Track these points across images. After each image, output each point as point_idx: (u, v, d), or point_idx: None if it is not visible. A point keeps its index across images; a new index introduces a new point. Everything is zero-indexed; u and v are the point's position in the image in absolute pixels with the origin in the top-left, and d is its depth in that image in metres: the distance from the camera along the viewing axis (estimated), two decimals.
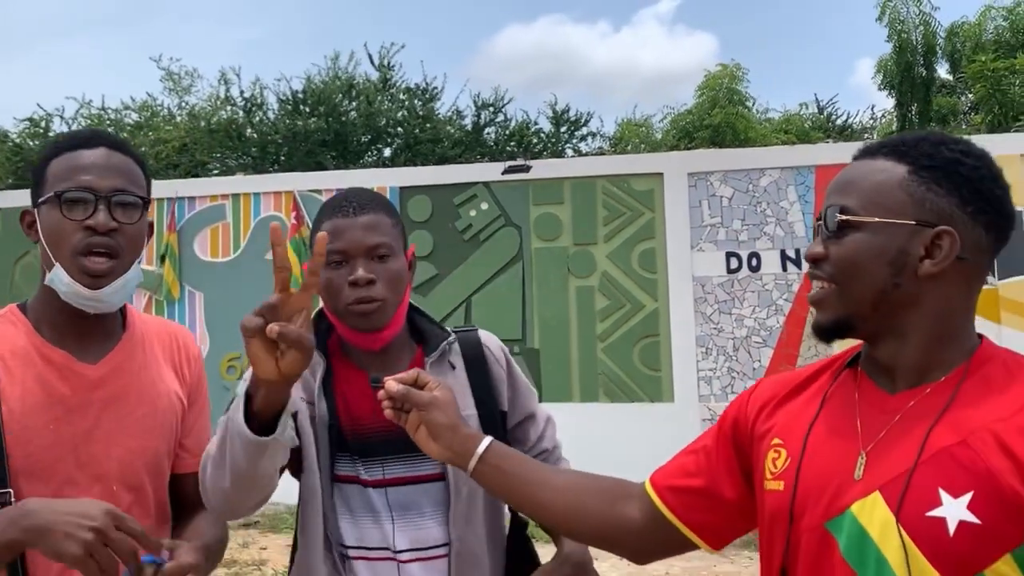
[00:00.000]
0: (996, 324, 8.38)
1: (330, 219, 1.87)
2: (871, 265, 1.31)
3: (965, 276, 1.33)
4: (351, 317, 1.84)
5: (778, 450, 1.42)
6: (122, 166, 1.77)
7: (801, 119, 17.28)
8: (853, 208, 1.33)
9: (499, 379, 2.00)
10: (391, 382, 1.59)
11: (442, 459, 1.60)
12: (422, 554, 1.82)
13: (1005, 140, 9.14)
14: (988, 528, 1.19)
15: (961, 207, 1.31)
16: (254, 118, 18.47)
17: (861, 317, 1.34)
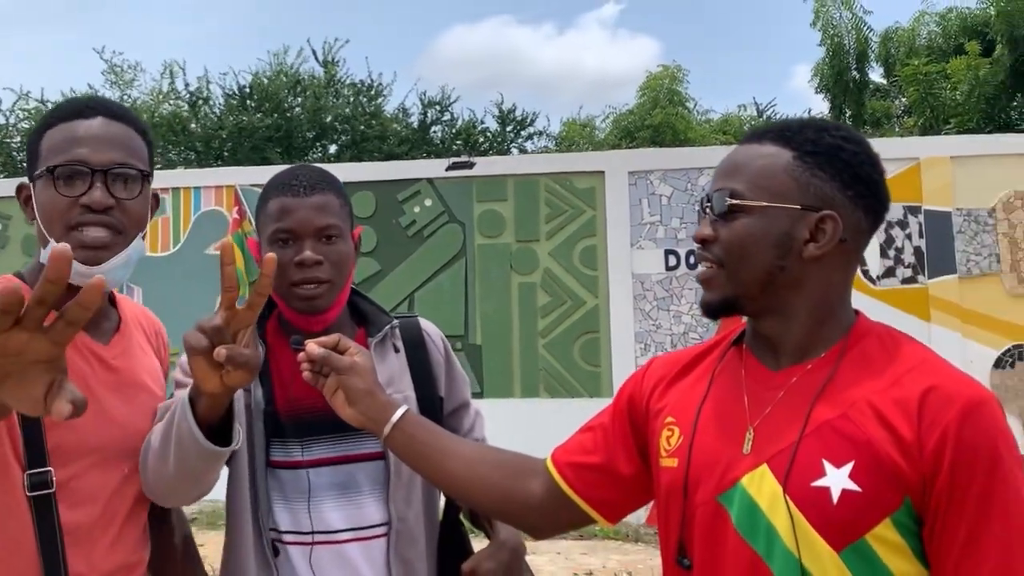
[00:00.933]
0: (926, 323, 8.61)
1: (278, 196, 1.86)
2: (758, 247, 1.35)
3: (845, 257, 1.38)
4: (295, 299, 1.84)
5: (671, 428, 1.46)
6: (121, 137, 1.65)
7: (740, 120, 17.55)
8: (741, 192, 1.36)
9: (438, 364, 2.00)
10: (312, 345, 1.60)
11: (357, 424, 1.61)
12: (361, 533, 1.83)
13: (936, 142, 9.39)
14: (869, 495, 1.24)
15: (842, 191, 1.36)
16: (199, 112, 18.28)
17: (747, 297, 1.39)
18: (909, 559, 1.26)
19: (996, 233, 8.74)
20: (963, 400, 1.24)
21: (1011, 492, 1.22)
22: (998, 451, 1.22)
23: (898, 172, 8.75)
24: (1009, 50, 9.56)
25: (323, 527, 1.81)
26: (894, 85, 13.32)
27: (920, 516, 1.25)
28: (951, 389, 1.26)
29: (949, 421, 1.23)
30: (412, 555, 1.86)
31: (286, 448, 1.83)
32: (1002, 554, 1.21)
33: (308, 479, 1.82)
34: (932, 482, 1.23)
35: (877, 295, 8.69)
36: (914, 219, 8.80)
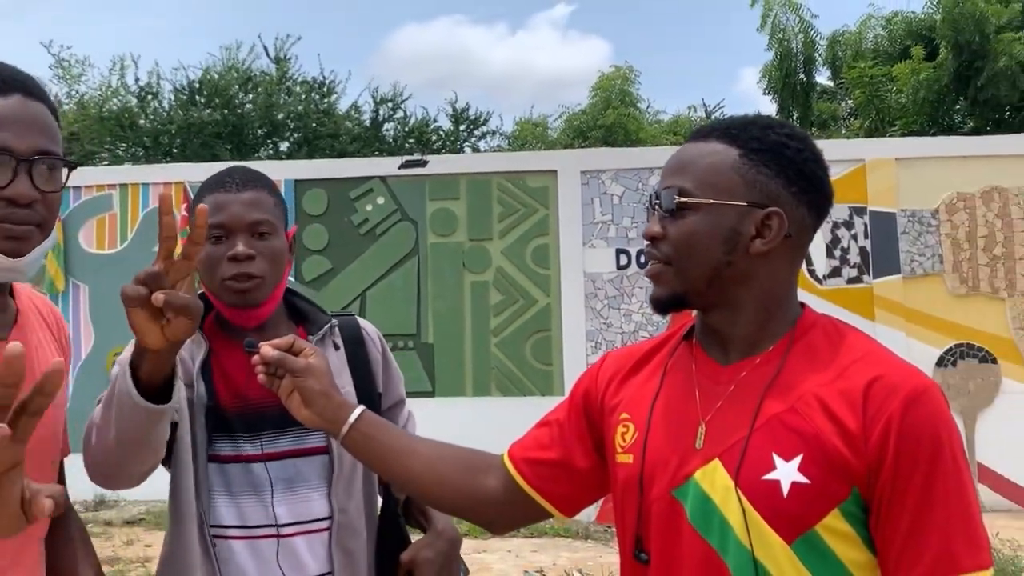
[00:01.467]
0: (871, 322, 8.76)
1: (212, 194, 1.86)
2: (706, 244, 1.37)
3: (790, 252, 1.40)
4: (227, 293, 1.84)
5: (626, 424, 1.47)
6: (43, 119, 1.46)
7: (689, 122, 17.76)
8: (689, 189, 1.38)
9: (376, 361, 2.02)
10: (267, 347, 1.59)
11: (313, 425, 1.61)
12: (305, 527, 1.84)
13: (882, 144, 9.58)
14: (817, 487, 1.26)
15: (787, 188, 1.38)
16: (148, 107, 18.05)
17: (695, 292, 1.40)
18: (859, 548, 1.29)
19: (939, 234, 8.92)
20: (906, 390, 1.27)
21: (952, 480, 1.25)
22: (940, 439, 1.25)
23: (844, 173, 8.91)
24: (953, 55, 9.77)
25: (268, 521, 1.82)
26: (840, 87, 13.54)
27: (867, 505, 1.28)
28: (894, 379, 1.28)
29: (892, 411, 1.25)
30: (354, 546, 1.88)
31: (231, 443, 1.84)
32: (943, 540, 1.23)
33: (253, 473, 1.83)
34: (877, 471, 1.25)
35: (823, 295, 8.83)
36: (859, 220, 8.96)
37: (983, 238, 8.88)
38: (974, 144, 9.29)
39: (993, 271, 8.85)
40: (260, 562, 1.81)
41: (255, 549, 1.81)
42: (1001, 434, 8.49)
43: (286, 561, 1.81)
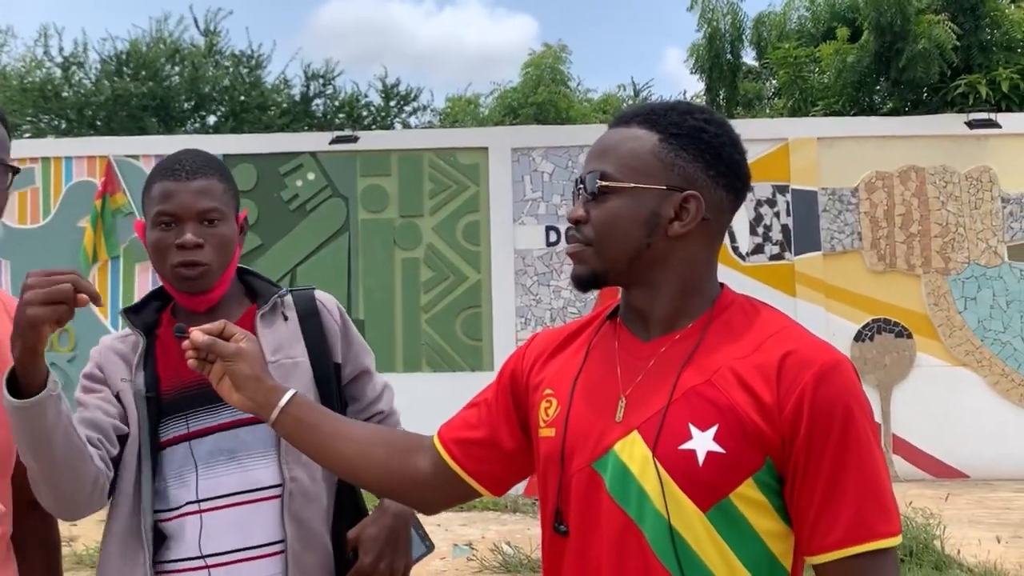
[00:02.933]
0: (792, 297, 8.99)
1: (161, 181, 1.88)
2: (627, 226, 1.40)
3: (708, 234, 1.43)
4: (177, 280, 1.87)
5: (549, 400, 1.50)
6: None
7: (618, 100, 17.86)
8: (611, 174, 1.41)
9: (332, 332, 2.03)
10: (196, 332, 1.60)
11: (244, 409, 1.62)
12: (251, 496, 1.86)
13: (804, 124, 9.77)
14: (732, 456, 1.30)
15: (705, 172, 1.41)
16: (72, 79, 17.59)
17: (616, 272, 1.44)
18: (772, 517, 1.33)
19: (858, 212, 9.17)
20: (818, 364, 1.31)
21: (864, 450, 1.29)
22: (851, 411, 1.29)
23: (767, 152, 9.10)
24: (875, 36, 9.97)
25: (211, 494, 1.84)
26: (765, 68, 13.78)
27: (781, 475, 1.32)
28: (807, 354, 1.32)
29: (805, 384, 1.29)
30: (308, 514, 1.89)
31: (174, 425, 1.87)
32: (856, 508, 1.28)
33: (192, 449, 1.86)
34: (791, 442, 1.30)
35: (746, 271, 9.02)
36: (782, 198, 9.17)
37: (900, 216, 9.15)
38: (893, 124, 9.53)
39: (910, 248, 9.13)
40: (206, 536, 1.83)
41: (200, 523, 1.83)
42: (915, 407, 8.80)
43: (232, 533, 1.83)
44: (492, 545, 6.38)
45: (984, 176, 9.15)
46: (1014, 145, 9.16)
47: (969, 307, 9.05)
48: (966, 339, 9.02)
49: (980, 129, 9.17)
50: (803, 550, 1.34)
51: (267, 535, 1.85)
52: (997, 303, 9.06)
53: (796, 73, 11.32)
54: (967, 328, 9.02)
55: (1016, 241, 9.13)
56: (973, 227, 9.12)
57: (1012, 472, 8.68)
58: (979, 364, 8.99)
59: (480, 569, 6.05)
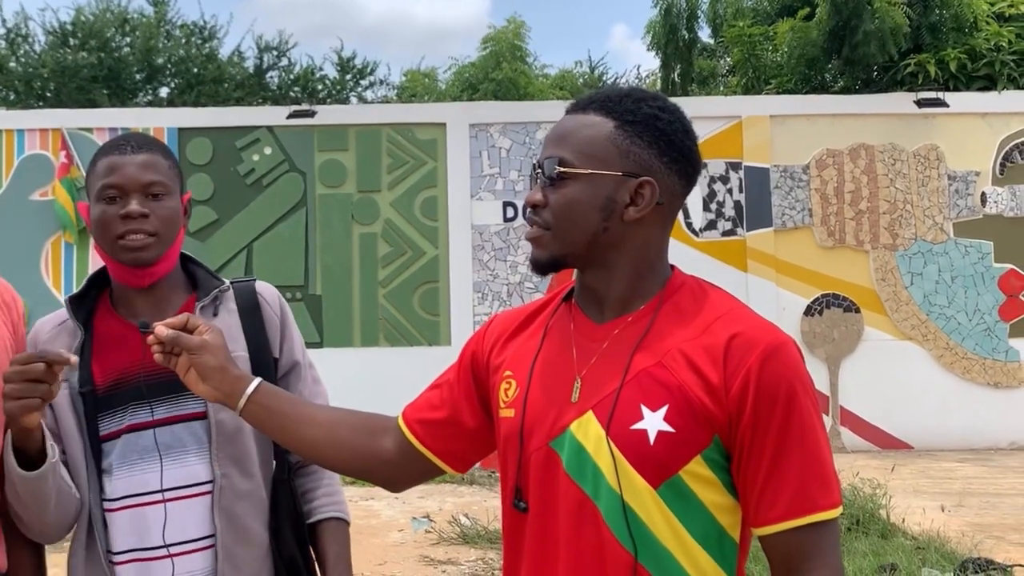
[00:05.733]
0: (744, 273, 9.15)
1: (107, 156, 1.89)
2: (584, 211, 1.43)
3: (662, 218, 1.47)
4: (121, 251, 1.86)
5: (509, 381, 1.54)
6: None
7: (575, 77, 17.87)
8: (568, 159, 1.44)
9: (272, 325, 2.03)
10: (160, 327, 1.62)
11: (212, 399, 1.66)
12: (187, 491, 1.87)
13: (757, 102, 9.91)
14: (681, 435, 1.35)
15: (659, 158, 1.44)
16: (18, 50, 17.24)
17: (573, 256, 1.47)
18: (720, 491, 1.38)
19: (809, 189, 9.34)
20: (763, 345, 1.35)
21: (807, 426, 1.34)
22: (795, 390, 1.34)
23: (721, 129, 9.22)
24: (830, 14, 10.06)
25: (147, 488, 1.86)
26: (720, 45, 13.88)
27: (728, 452, 1.37)
28: (752, 335, 1.37)
29: (751, 365, 1.34)
30: (239, 510, 1.89)
31: (118, 418, 1.88)
32: (799, 482, 1.33)
33: (140, 443, 1.87)
34: (737, 420, 1.34)
35: (699, 247, 9.15)
36: (735, 175, 9.30)
37: (850, 193, 9.33)
38: (844, 103, 9.71)
39: (859, 225, 9.32)
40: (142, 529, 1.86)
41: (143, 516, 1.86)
42: (863, 380, 9.03)
43: (170, 525, 1.86)
44: (450, 517, 6.46)
45: (931, 154, 9.35)
46: (961, 124, 9.37)
47: (915, 282, 9.27)
48: (912, 314, 9.24)
49: (928, 108, 9.37)
50: (749, 522, 1.39)
51: (198, 530, 1.87)
52: (942, 278, 9.29)
53: (750, 51, 11.44)
54: (913, 303, 9.24)
55: (962, 218, 9.36)
56: (920, 204, 9.33)
57: (955, 443, 8.95)
58: (924, 338, 9.23)
59: (438, 541, 6.13)
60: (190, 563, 1.86)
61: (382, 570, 5.53)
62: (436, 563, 5.73)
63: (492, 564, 5.64)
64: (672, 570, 1.38)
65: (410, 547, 6.08)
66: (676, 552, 1.38)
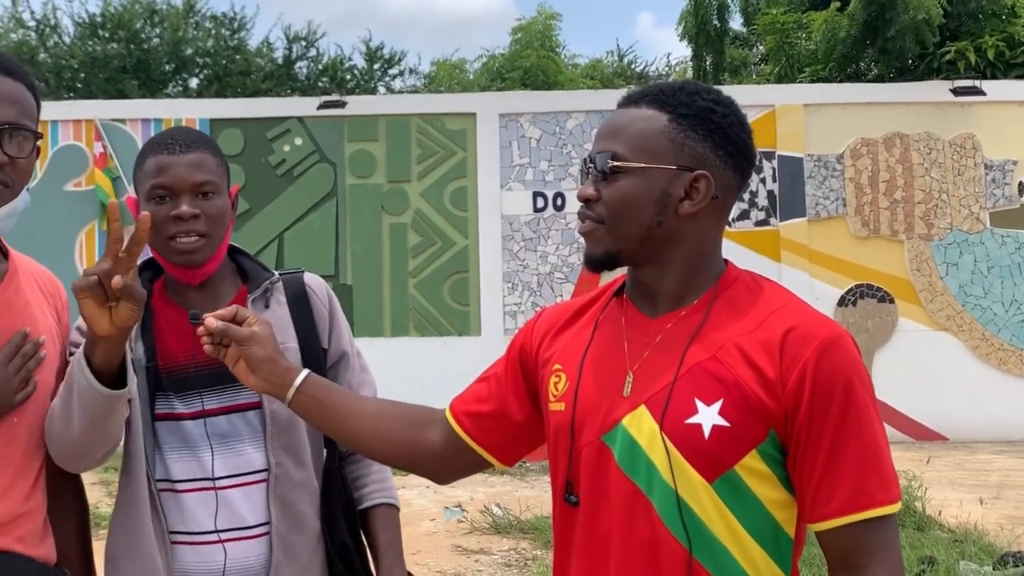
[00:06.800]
0: (777, 263, 9.07)
1: (156, 156, 1.90)
2: (638, 206, 1.42)
3: (716, 212, 1.46)
4: (172, 253, 1.88)
5: (559, 375, 1.54)
6: (15, 94, 1.68)
7: (605, 66, 17.80)
8: (621, 154, 1.43)
9: (321, 316, 2.06)
10: (210, 318, 1.64)
11: (261, 390, 1.68)
12: (241, 479, 1.90)
13: (791, 91, 9.82)
14: (736, 429, 1.34)
15: (714, 151, 1.43)
16: (48, 41, 17.39)
17: (627, 251, 1.46)
18: (775, 486, 1.38)
19: (843, 178, 9.24)
20: (820, 339, 1.34)
21: (864, 420, 1.34)
22: (852, 383, 1.33)
23: (754, 119, 9.11)
24: (864, 5, 9.96)
25: (205, 474, 1.89)
26: (753, 34, 13.78)
27: (784, 446, 1.36)
28: (809, 329, 1.36)
29: (807, 358, 1.33)
30: (294, 498, 1.92)
31: (169, 402, 1.91)
32: (856, 477, 1.33)
33: (190, 431, 1.90)
34: (793, 415, 1.33)
35: (732, 237, 9.05)
36: (768, 164, 9.23)
37: (884, 182, 9.23)
38: (879, 91, 9.58)
39: (893, 214, 9.22)
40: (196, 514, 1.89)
41: (194, 501, 1.89)
42: (897, 371, 8.91)
43: (223, 511, 1.89)
44: (481, 507, 6.45)
45: (968, 143, 9.23)
46: (998, 112, 9.24)
47: (951, 273, 9.16)
48: (947, 304, 9.14)
49: (965, 96, 9.23)
50: (805, 518, 1.38)
51: (255, 517, 1.90)
52: (978, 269, 9.18)
53: (783, 39, 11.34)
54: (948, 293, 9.14)
55: (998, 208, 9.24)
56: (956, 193, 9.21)
57: (990, 435, 8.85)
58: (959, 329, 9.13)
59: (470, 530, 6.13)
60: (244, 549, 1.89)
61: (415, 559, 5.53)
62: (469, 552, 5.73)
63: (524, 554, 5.64)
64: (727, 565, 1.37)
65: (442, 536, 6.08)
66: (731, 547, 1.37)
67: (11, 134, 1.65)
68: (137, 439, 1.88)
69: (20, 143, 1.67)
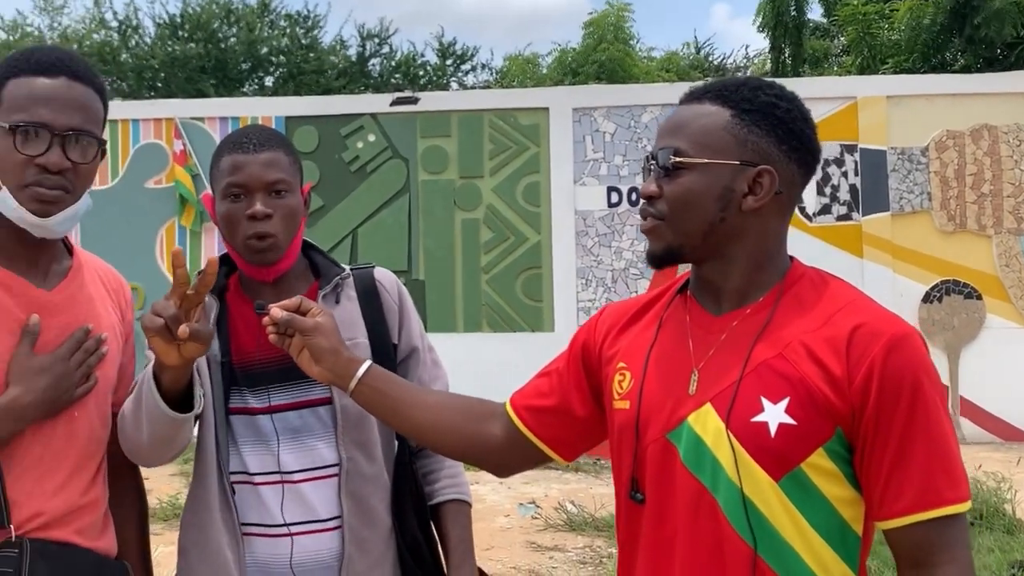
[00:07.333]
0: (859, 259, 8.87)
1: (230, 154, 1.93)
2: (701, 202, 1.43)
3: (781, 208, 1.47)
4: (247, 251, 1.91)
5: (623, 372, 1.56)
6: (82, 100, 1.70)
7: (681, 59, 17.61)
8: (684, 149, 1.44)
9: (391, 311, 2.08)
10: (275, 308, 1.69)
11: (324, 380, 1.72)
12: (313, 473, 1.92)
13: (873, 82, 9.58)
14: (803, 428, 1.35)
15: (778, 146, 1.43)
16: (129, 42, 17.81)
17: (690, 247, 1.47)
18: (841, 484, 1.37)
19: (928, 171, 8.99)
20: (887, 336, 1.34)
21: (932, 418, 1.33)
22: (920, 381, 1.33)
23: (835, 111, 8.93)
24: None
25: (278, 468, 1.92)
26: (833, 25, 13.50)
27: (851, 444, 1.36)
28: (876, 326, 1.36)
29: (875, 356, 1.33)
30: (365, 493, 1.94)
31: (243, 397, 1.94)
32: (925, 475, 1.33)
33: (261, 425, 1.93)
34: (861, 412, 1.34)
35: (812, 232, 8.90)
36: (850, 157, 9.01)
37: (971, 176, 8.95)
38: (965, 82, 9.31)
39: (980, 208, 8.94)
40: (269, 506, 1.91)
41: (265, 494, 1.92)
42: (984, 369, 8.66)
43: (294, 506, 1.91)
44: (556, 503, 6.43)
45: None
46: None
47: None
48: None
49: None
50: (873, 516, 1.38)
51: (326, 511, 1.92)
52: None
53: (865, 30, 11.07)
54: None
55: None
56: None
57: None
58: None
59: (545, 527, 6.10)
60: (316, 542, 1.91)
61: (489, 555, 5.51)
62: (543, 549, 5.71)
63: (599, 552, 5.59)
64: (793, 563, 1.37)
65: (516, 532, 6.06)
66: (797, 545, 1.37)
67: (76, 140, 1.67)
68: (209, 433, 1.91)
69: (84, 149, 1.69)
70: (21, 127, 1.64)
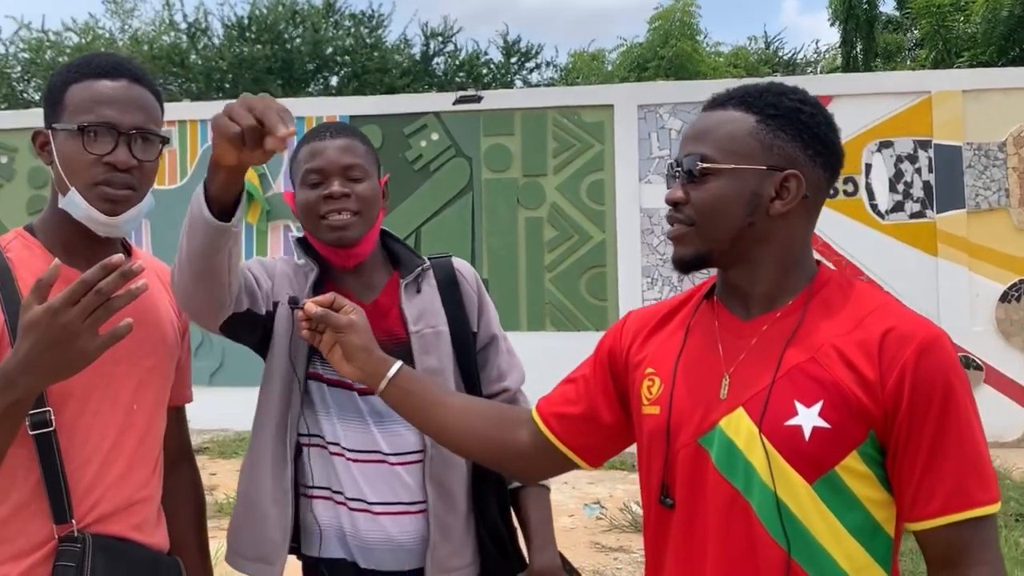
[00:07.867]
0: (933, 256, 8.65)
1: (309, 143, 2.00)
2: (728, 207, 1.45)
3: (807, 212, 1.48)
4: (325, 231, 1.95)
5: (652, 378, 1.57)
6: (143, 101, 1.77)
7: (748, 53, 17.39)
8: (710, 155, 1.45)
9: (470, 300, 2.12)
10: (310, 304, 1.69)
11: (354, 379, 1.73)
12: (402, 458, 1.97)
13: (948, 76, 9.33)
14: (837, 431, 1.36)
15: (803, 151, 1.45)
16: (198, 44, 18.12)
17: (718, 252, 1.48)
18: (875, 486, 1.39)
19: (1006, 167, 8.73)
20: (919, 339, 1.36)
21: (964, 421, 1.35)
22: (951, 384, 1.35)
23: (908, 106, 8.72)
24: None
25: (370, 447, 1.96)
26: (906, 18, 13.20)
27: (883, 447, 1.38)
28: (907, 329, 1.37)
29: (907, 359, 1.35)
30: (448, 479, 1.98)
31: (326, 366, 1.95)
32: (956, 476, 1.34)
33: (352, 401, 1.97)
34: (893, 415, 1.35)
35: (885, 230, 8.71)
36: (924, 153, 8.79)
37: None
38: None
39: None
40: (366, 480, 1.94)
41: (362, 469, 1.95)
42: None
43: (388, 483, 1.95)
44: (621, 504, 6.38)
45: None
46: None
47: None
48: None
49: None
50: (904, 517, 1.39)
51: (410, 495, 1.96)
52: None
53: (939, 23, 10.81)
54: None
55: None
56: None
57: None
58: None
59: (609, 528, 6.06)
60: (399, 524, 1.94)
61: None
62: (608, 550, 5.66)
63: None
64: (827, 566, 1.38)
65: (581, 533, 6.01)
66: (830, 547, 1.38)
67: (141, 138, 1.74)
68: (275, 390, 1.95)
69: (148, 147, 1.76)
70: (89, 128, 1.69)
